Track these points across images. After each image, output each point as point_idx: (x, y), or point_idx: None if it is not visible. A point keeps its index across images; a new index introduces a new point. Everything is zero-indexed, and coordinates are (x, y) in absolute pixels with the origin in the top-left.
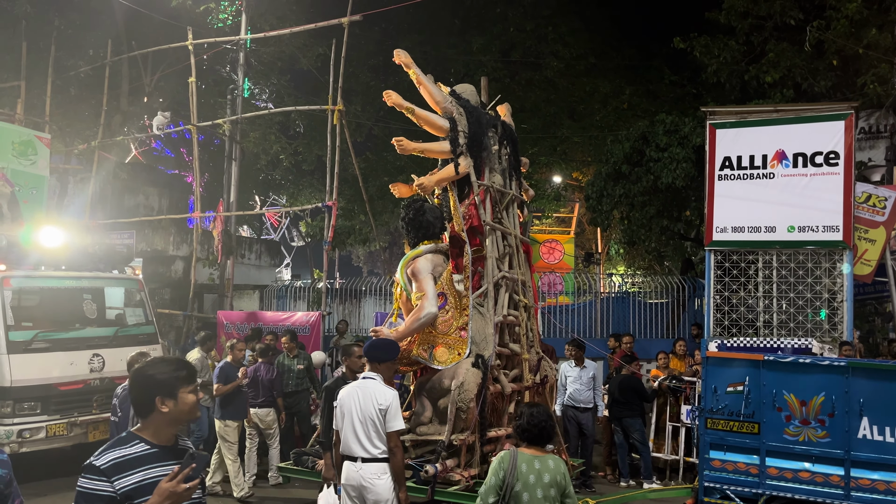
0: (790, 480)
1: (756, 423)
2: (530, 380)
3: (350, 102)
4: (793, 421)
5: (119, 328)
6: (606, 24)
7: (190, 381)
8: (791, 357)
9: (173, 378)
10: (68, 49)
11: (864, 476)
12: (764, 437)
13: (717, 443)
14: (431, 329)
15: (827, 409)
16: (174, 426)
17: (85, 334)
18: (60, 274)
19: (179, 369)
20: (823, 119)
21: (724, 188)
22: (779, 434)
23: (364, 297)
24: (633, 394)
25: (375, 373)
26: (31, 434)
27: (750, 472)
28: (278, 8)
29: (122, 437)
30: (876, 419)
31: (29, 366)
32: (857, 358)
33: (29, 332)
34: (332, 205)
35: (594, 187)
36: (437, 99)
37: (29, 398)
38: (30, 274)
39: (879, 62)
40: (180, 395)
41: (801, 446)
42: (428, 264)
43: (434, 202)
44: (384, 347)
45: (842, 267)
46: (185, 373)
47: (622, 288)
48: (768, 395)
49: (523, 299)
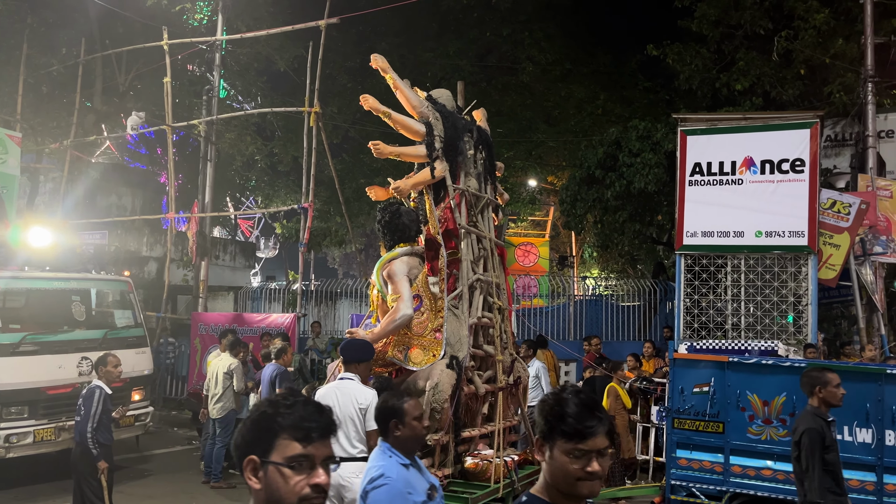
0: (753, 478)
1: (721, 423)
2: (504, 381)
3: (327, 104)
4: (756, 420)
5: (108, 331)
6: (582, 30)
7: None
8: (754, 359)
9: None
10: (41, 47)
11: None
12: (728, 436)
13: (683, 442)
14: (407, 331)
15: (788, 409)
16: None
17: (73, 337)
18: (49, 275)
19: None
20: (790, 127)
21: (694, 193)
22: (742, 433)
23: (339, 299)
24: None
25: (353, 373)
26: (17, 439)
27: (715, 470)
28: (255, 9)
29: None
30: (835, 418)
31: (16, 369)
32: (820, 360)
33: (17, 335)
34: (308, 206)
35: (568, 191)
36: (413, 104)
37: (16, 402)
38: (17, 275)
39: (845, 72)
40: None
41: (764, 445)
42: (404, 266)
43: (410, 205)
44: (360, 348)
45: (807, 271)
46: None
47: (595, 291)
48: (733, 395)
49: (498, 301)
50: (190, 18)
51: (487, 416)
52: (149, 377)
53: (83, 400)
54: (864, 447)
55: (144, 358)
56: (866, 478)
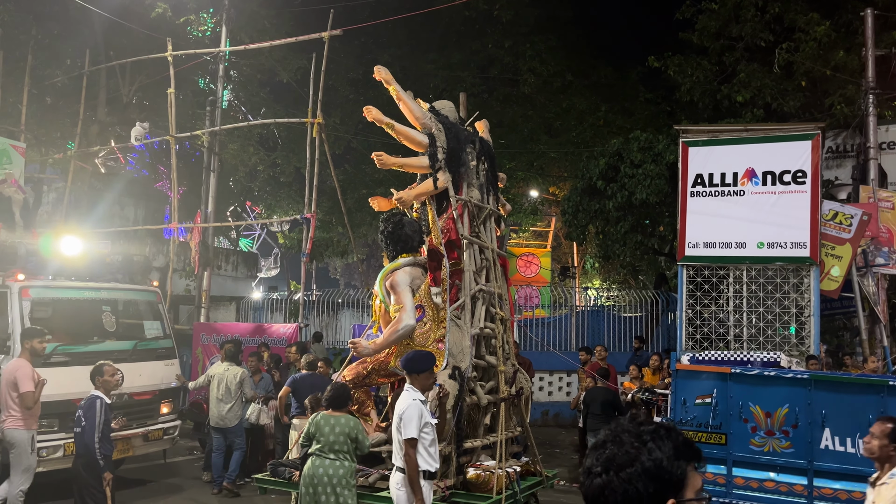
0: (756, 490)
1: (723, 434)
2: (506, 391)
3: (329, 115)
4: (758, 432)
5: (137, 342)
6: (583, 42)
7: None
8: (756, 370)
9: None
10: (45, 58)
11: (827, 486)
12: (731, 447)
13: None
14: (409, 341)
15: (791, 421)
16: None
17: (104, 348)
18: (79, 284)
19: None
20: (791, 139)
21: (696, 205)
22: (745, 445)
23: (341, 310)
24: (611, 407)
25: (412, 384)
26: (48, 453)
27: (717, 482)
28: (258, 21)
29: None
30: (837, 430)
31: (48, 380)
32: (823, 371)
33: (48, 346)
34: (310, 217)
35: (570, 202)
36: (416, 115)
37: (47, 415)
38: (49, 284)
39: (846, 83)
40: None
41: (767, 456)
42: (406, 277)
43: (413, 216)
44: (418, 359)
45: (809, 282)
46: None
47: (597, 302)
48: (735, 406)
49: (500, 312)
50: (194, 30)
51: (489, 426)
52: (177, 390)
53: (83, 411)
54: (867, 459)
55: (173, 370)
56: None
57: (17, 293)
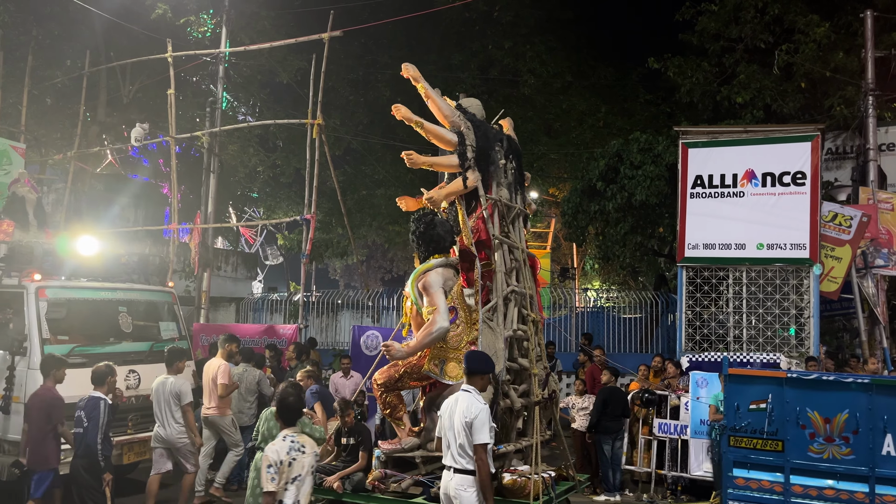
0: (815, 498)
1: (780, 441)
2: (539, 395)
3: (329, 116)
4: (817, 438)
5: (153, 343)
6: (583, 43)
7: None
8: (814, 374)
9: None
10: (45, 59)
11: (889, 493)
12: (788, 454)
13: (740, 461)
14: (442, 344)
15: (851, 427)
16: None
17: (120, 349)
18: (96, 285)
19: None
20: (791, 140)
21: (695, 206)
22: (803, 451)
23: (340, 311)
24: (619, 407)
25: (471, 384)
26: (65, 455)
27: (774, 490)
28: (258, 22)
29: None
30: None
31: (65, 382)
32: (831, 372)
33: (65, 347)
34: (310, 218)
35: (570, 203)
36: (445, 113)
37: (66, 417)
38: (65, 284)
39: (846, 85)
40: None
41: (826, 463)
42: (439, 278)
43: (441, 216)
44: (480, 360)
45: (808, 283)
46: None
47: (597, 303)
48: (792, 412)
49: (531, 313)
50: (194, 31)
51: (521, 430)
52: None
53: (86, 412)
54: None
55: (188, 371)
56: None
57: (33, 293)
